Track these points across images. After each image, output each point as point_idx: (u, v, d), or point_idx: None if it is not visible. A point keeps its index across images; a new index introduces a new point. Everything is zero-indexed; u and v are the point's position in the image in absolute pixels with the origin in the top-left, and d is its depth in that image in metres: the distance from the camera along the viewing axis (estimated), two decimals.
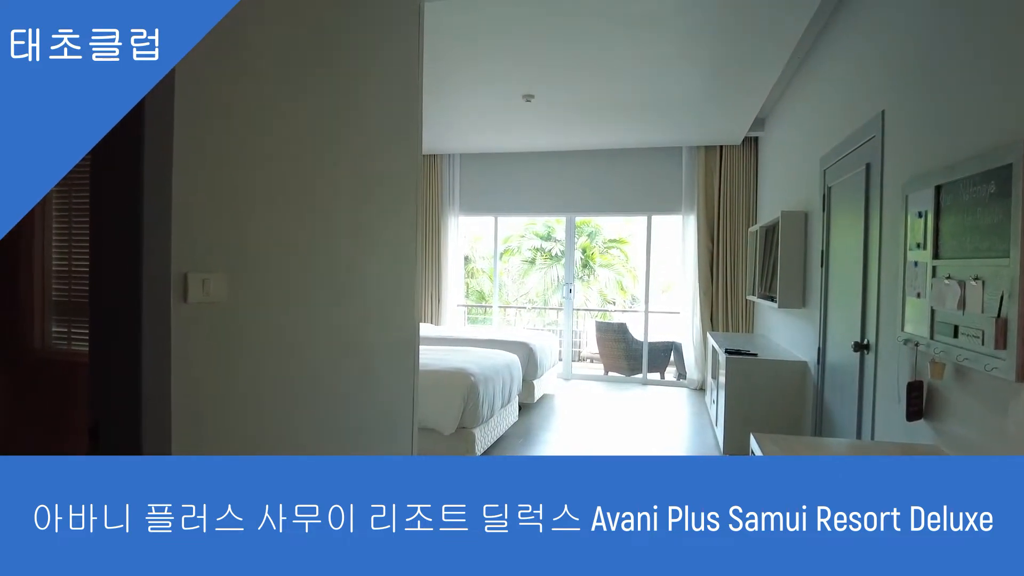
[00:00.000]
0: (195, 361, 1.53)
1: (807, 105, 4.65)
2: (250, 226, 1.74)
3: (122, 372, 1.32)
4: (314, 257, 2.07)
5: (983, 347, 1.82)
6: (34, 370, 3.04)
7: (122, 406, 1.30)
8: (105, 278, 1.35)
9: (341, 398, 2.27)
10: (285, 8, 1.85)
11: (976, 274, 1.89)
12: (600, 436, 5.34)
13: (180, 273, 1.46)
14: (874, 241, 2.95)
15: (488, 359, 4.86)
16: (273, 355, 1.85)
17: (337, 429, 2.22)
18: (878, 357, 2.88)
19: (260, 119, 1.75)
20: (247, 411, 1.73)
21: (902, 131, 2.71)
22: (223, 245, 1.62)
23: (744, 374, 4.40)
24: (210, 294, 1.53)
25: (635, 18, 3.69)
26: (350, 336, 2.33)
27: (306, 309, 2.02)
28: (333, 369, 2.21)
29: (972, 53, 2.11)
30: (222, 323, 1.62)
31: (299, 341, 1.99)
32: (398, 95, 2.64)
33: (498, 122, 6.12)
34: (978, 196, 1.93)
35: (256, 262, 1.76)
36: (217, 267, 1.59)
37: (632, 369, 7.97)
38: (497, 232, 8.58)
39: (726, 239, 6.94)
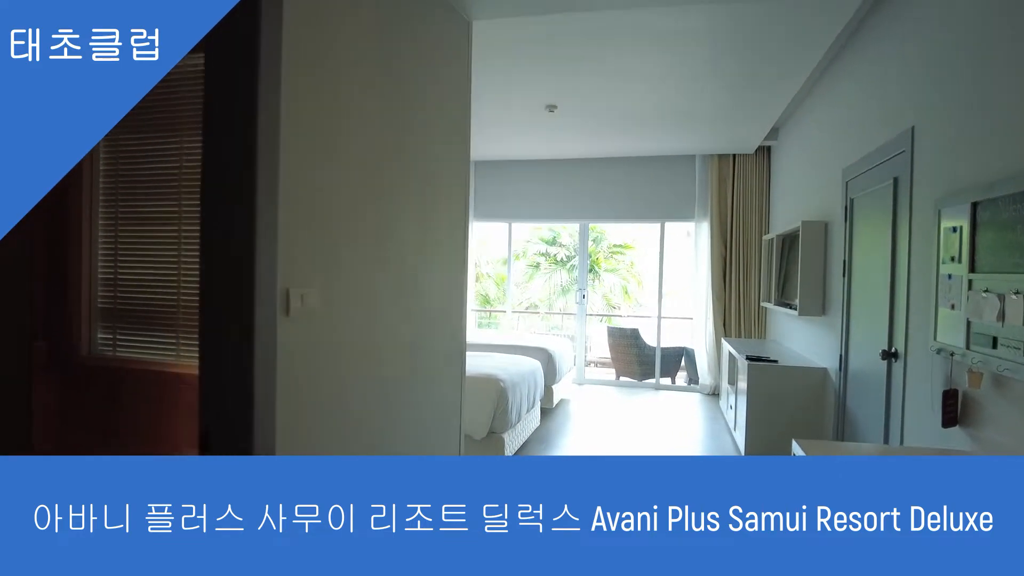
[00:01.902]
0: (294, 369, 1.64)
1: (826, 117, 4.71)
2: (337, 242, 1.84)
3: (236, 383, 1.40)
4: (388, 270, 2.18)
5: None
6: (81, 375, 3.12)
7: (236, 415, 1.39)
8: (217, 296, 1.44)
9: (407, 401, 2.38)
10: (362, 35, 1.95)
11: (1017, 288, 2.00)
12: (620, 440, 5.33)
13: (283, 289, 1.56)
14: (903, 253, 3.02)
15: (515, 365, 4.89)
16: (355, 361, 1.96)
17: (404, 429, 2.33)
18: (907, 365, 2.98)
19: (341, 140, 1.84)
20: (335, 413, 1.84)
21: (933, 147, 2.73)
22: (316, 260, 1.73)
23: (765, 380, 4.43)
24: (306, 307, 1.63)
25: (664, 34, 3.70)
26: (415, 343, 2.45)
27: (381, 318, 2.14)
28: (402, 374, 2.33)
29: (1013, 71, 2.13)
30: (315, 333, 1.73)
31: (375, 348, 2.11)
32: (452, 109, 2.75)
33: (520, 131, 6.15)
34: (1019, 214, 2.04)
35: (341, 275, 1.87)
36: (312, 282, 1.69)
37: (644, 374, 8.05)
38: (511, 238, 8.70)
39: (739, 246, 6.98)
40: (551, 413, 6.10)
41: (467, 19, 2.78)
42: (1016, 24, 2.16)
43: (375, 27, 2.01)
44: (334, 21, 1.75)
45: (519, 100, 5.10)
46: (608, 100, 5.07)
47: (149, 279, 3.06)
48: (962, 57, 2.53)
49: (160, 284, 3.02)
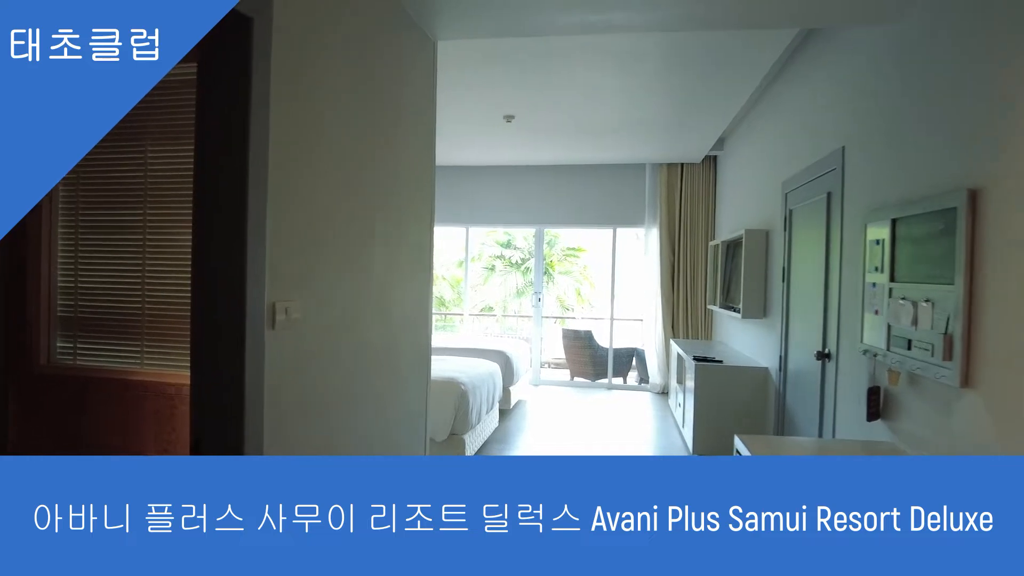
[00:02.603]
0: (277, 378, 1.70)
1: (767, 132, 4.95)
2: (315, 257, 1.92)
3: (227, 393, 1.47)
4: (360, 282, 2.27)
5: (933, 358, 2.10)
6: (40, 384, 3.09)
7: (227, 424, 1.46)
8: (208, 310, 1.50)
9: (378, 406, 2.47)
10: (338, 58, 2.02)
11: (927, 296, 2.23)
12: (575, 438, 5.44)
13: (270, 303, 1.64)
14: (835, 262, 3.22)
15: (475, 368, 4.95)
16: (331, 369, 2.04)
17: (375, 433, 2.43)
18: (838, 365, 3.21)
19: (317, 159, 1.92)
20: (313, 420, 1.91)
21: (860, 167, 2.91)
22: (297, 275, 1.80)
23: (712, 379, 4.61)
24: (290, 319, 1.71)
25: (618, 54, 3.85)
26: (385, 350, 2.54)
27: (354, 328, 2.22)
28: (374, 380, 2.42)
29: (926, 106, 2.33)
30: (296, 344, 1.79)
31: (350, 356, 2.19)
32: (419, 127, 2.85)
33: (479, 139, 6.22)
34: (929, 231, 2.27)
35: (318, 289, 1.94)
36: (293, 295, 1.77)
37: (597, 374, 8.27)
38: (468, 243, 8.82)
39: (686, 251, 7.22)
40: (509, 414, 6.19)
41: (433, 39, 2.90)
42: (925, 66, 2.42)
43: (351, 50, 2.10)
44: (314, 45, 1.83)
45: (478, 110, 5.20)
46: (564, 112, 5.22)
47: (112, 288, 3.04)
48: (882, 90, 2.76)
49: (123, 292, 3.01)
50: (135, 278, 3.02)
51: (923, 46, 2.40)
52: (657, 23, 2.98)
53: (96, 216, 3.11)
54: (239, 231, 1.51)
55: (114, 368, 3.07)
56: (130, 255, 3.02)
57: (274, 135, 1.62)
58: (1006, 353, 1.82)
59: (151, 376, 2.98)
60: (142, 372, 3.03)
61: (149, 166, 3.01)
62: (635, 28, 3.05)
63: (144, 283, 3.01)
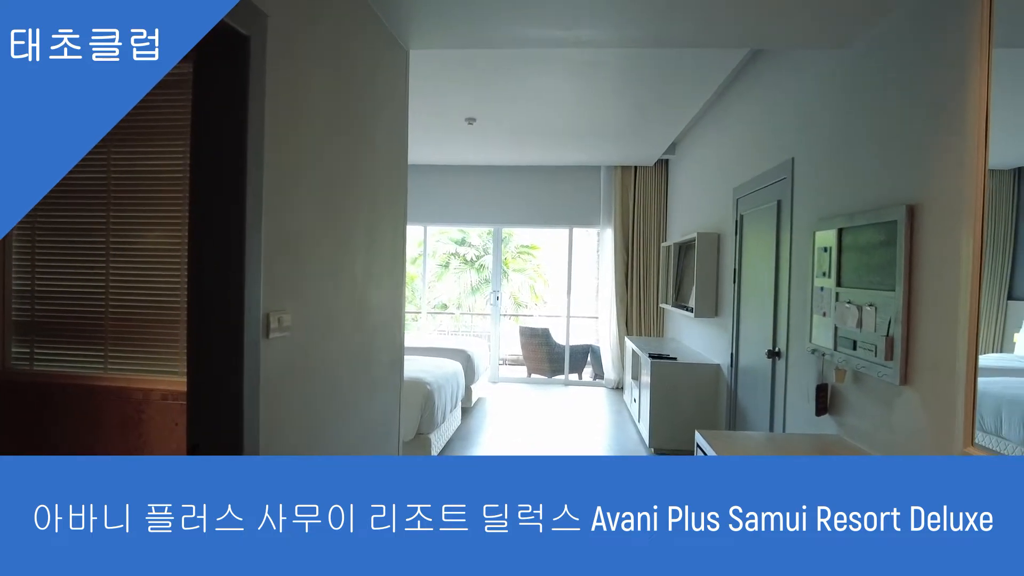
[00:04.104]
0: (271, 385, 1.72)
1: (718, 140, 5.08)
2: (303, 267, 1.95)
3: (226, 400, 1.50)
4: (342, 289, 2.31)
5: (876, 358, 2.24)
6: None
7: (225, 429, 1.48)
8: (209, 321, 1.53)
9: (359, 408, 2.52)
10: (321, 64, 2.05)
11: (871, 301, 2.40)
12: (536, 433, 5.50)
13: (265, 313, 1.66)
14: (784, 266, 3.36)
15: (439, 368, 4.95)
16: (317, 374, 2.08)
17: (354, 434, 2.47)
18: (788, 363, 3.40)
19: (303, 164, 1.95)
20: (301, 424, 1.94)
21: (809, 177, 3.04)
22: (287, 285, 1.82)
23: (666, 376, 4.73)
24: (282, 328, 1.74)
25: (576, 63, 3.94)
26: (364, 354, 2.59)
27: (337, 334, 2.26)
28: (354, 383, 2.46)
29: (870, 125, 2.46)
30: (286, 351, 1.83)
31: (334, 361, 2.23)
32: (393, 134, 2.88)
33: (440, 139, 6.22)
34: (873, 241, 2.45)
35: (306, 298, 1.98)
36: (285, 305, 1.80)
37: (554, 371, 8.40)
38: (427, 241, 8.81)
39: (639, 251, 7.41)
40: (471, 412, 6.21)
41: (406, 49, 2.93)
42: (869, 89, 2.60)
43: (329, 59, 2.12)
44: (295, 56, 1.85)
45: (440, 112, 5.22)
46: (523, 116, 5.29)
47: (72, 291, 2.96)
48: (830, 107, 2.91)
49: (85, 296, 2.94)
50: (98, 282, 2.95)
51: (867, 71, 2.57)
52: (621, 40, 3.09)
53: (55, 218, 3.01)
54: (238, 243, 1.53)
55: (75, 374, 2.99)
56: (94, 258, 2.94)
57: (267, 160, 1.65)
58: (937, 354, 1.99)
59: (116, 381, 2.92)
60: (106, 377, 2.96)
61: (113, 167, 2.94)
62: (601, 44, 3.16)
63: (108, 287, 2.95)
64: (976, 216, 1.79)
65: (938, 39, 2.05)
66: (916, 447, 2.12)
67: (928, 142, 2.08)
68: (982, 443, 1.82)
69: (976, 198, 1.79)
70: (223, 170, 1.51)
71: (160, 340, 2.88)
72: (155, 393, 2.84)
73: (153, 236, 2.91)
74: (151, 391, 2.88)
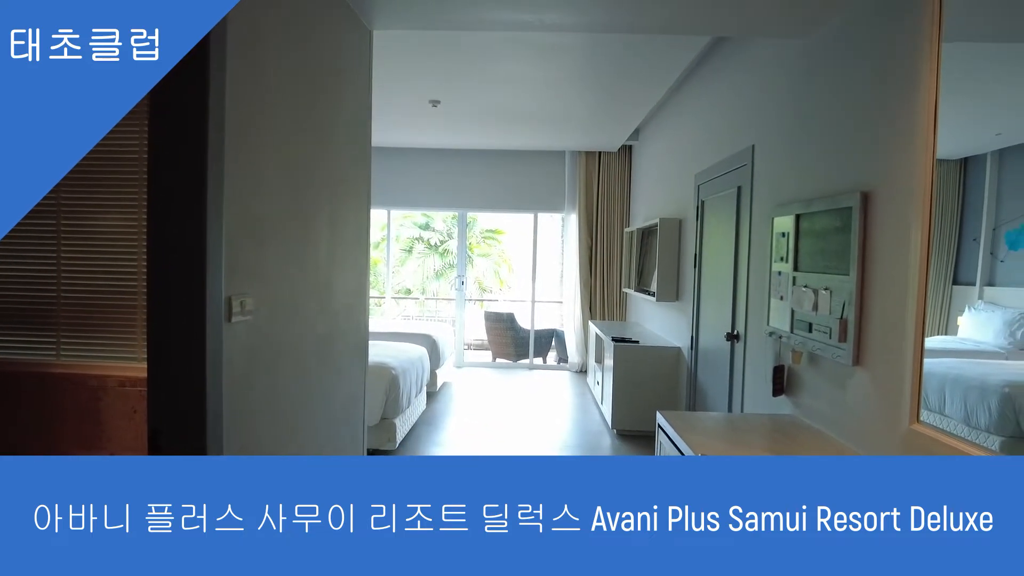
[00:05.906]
0: (234, 369, 1.69)
1: (682, 125, 5.16)
2: (265, 251, 1.91)
3: (188, 385, 1.47)
4: (306, 272, 2.28)
5: (830, 340, 2.33)
6: None
7: (187, 415, 1.46)
8: (171, 305, 1.50)
9: (323, 393, 2.49)
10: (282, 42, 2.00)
11: (826, 285, 2.49)
12: (501, 417, 5.56)
13: (227, 297, 1.63)
14: (744, 251, 3.47)
15: (404, 352, 4.94)
16: (281, 359, 2.04)
17: (319, 419, 2.44)
18: (747, 345, 3.51)
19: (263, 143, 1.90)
20: (265, 408, 1.92)
21: (769, 164, 3.11)
22: (249, 268, 1.79)
23: (629, 359, 4.84)
24: (244, 312, 1.70)
25: (541, 47, 3.93)
26: (328, 339, 2.56)
27: (301, 319, 2.23)
28: (318, 368, 2.43)
29: (828, 114, 2.53)
30: (249, 336, 1.79)
31: (297, 346, 2.20)
32: (356, 117, 2.83)
33: (403, 122, 6.14)
34: (827, 227, 2.53)
35: (268, 282, 1.94)
36: (246, 289, 1.76)
37: (519, 355, 8.46)
38: (390, 225, 8.71)
39: (603, 236, 7.48)
40: (436, 396, 6.23)
41: (369, 29, 2.87)
42: (828, 78, 2.67)
43: (291, 38, 2.07)
44: (256, 32, 1.80)
45: (403, 94, 5.15)
46: (488, 99, 5.25)
47: (20, 276, 2.85)
48: (790, 95, 3.00)
49: (34, 281, 2.83)
50: (49, 266, 2.85)
51: (826, 61, 2.64)
52: (587, 25, 3.09)
53: None
54: (199, 225, 1.49)
55: (25, 360, 2.89)
56: (44, 242, 2.84)
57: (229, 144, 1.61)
58: (887, 337, 2.08)
59: (71, 368, 2.84)
60: (59, 364, 2.87)
61: None
62: (566, 29, 3.15)
63: (60, 270, 2.85)
64: (924, 204, 1.86)
65: (893, 31, 2.11)
66: (867, 425, 2.21)
67: (882, 131, 2.15)
68: (927, 421, 1.91)
69: (925, 187, 1.86)
70: (183, 151, 1.47)
71: (116, 325, 2.80)
72: (112, 380, 2.76)
73: (108, 218, 2.81)
74: (107, 378, 2.80)
